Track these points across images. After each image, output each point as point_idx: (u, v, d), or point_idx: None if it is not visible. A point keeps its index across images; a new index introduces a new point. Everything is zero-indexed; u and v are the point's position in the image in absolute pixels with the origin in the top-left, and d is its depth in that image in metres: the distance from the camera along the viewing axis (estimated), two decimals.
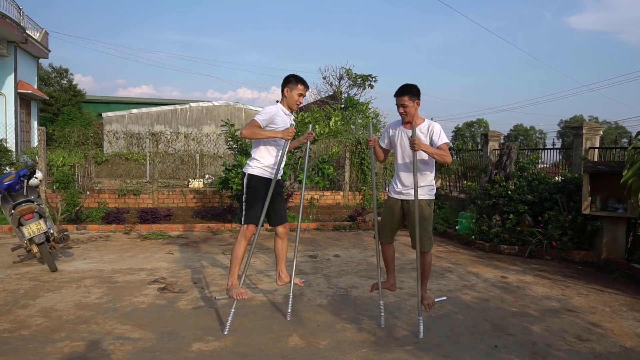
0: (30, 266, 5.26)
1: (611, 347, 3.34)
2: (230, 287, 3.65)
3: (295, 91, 3.79)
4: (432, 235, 3.72)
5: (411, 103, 3.57)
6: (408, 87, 3.59)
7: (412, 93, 3.57)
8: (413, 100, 3.57)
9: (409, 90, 3.57)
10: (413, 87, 3.60)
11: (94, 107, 25.88)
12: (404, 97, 3.55)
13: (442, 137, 3.56)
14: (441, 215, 8.69)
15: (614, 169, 5.74)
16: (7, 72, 13.79)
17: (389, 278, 3.93)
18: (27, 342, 3.20)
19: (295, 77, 3.84)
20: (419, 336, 3.38)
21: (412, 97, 3.56)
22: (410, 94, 3.56)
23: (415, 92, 3.59)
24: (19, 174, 5.23)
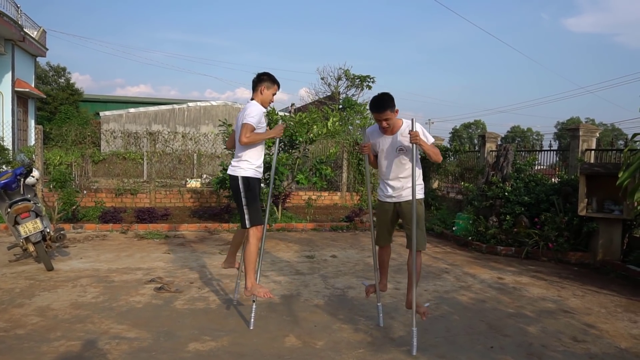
0: (26, 265, 5.24)
1: (606, 348, 3.36)
2: (251, 288, 3.63)
3: (271, 90, 3.80)
4: (425, 233, 3.74)
5: (393, 115, 3.52)
6: (385, 100, 3.50)
7: (391, 105, 3.51)
8: (393, 111, 3.52)
9: (388, 104, 3.49)
10: (390, 99, 3.52)
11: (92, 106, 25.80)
12: (386, 112, 3.47)
13: (428, 136, 3.52)
14: (438, 217, 8.71)
15: (610, 171, 5.76)
16: (5, 70, 13.75)
17: (381, 279, 3.89)
18: (22, 341, 3.19)
19: (270, 76, 3.85)
20: (412, 352, 3.14)
21: (392, 109, 3.51)
22: (390, 107, 3.49)
23: (393, 102, 3.53)
24: (16, 173, 5.22)
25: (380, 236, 3.85)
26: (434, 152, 3.53)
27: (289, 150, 8.71)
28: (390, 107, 3.49)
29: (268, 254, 6.16)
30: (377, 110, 3.50)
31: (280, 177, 8.26)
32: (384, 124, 3.51)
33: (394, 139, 3.58)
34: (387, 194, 3.70)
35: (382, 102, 3.50)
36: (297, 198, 10.76)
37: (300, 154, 9.11)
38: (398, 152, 3.55)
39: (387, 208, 3.74)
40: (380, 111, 3.49)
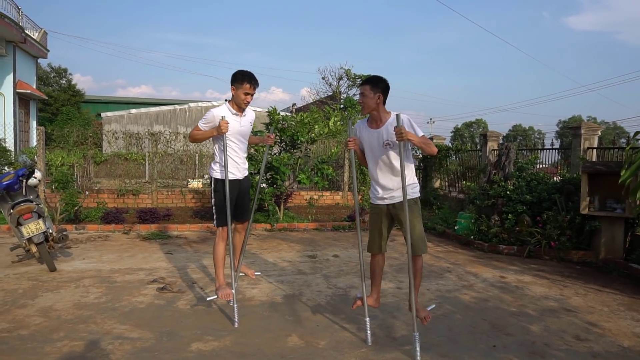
0: (29, 266, 5.26)
1: (609, 346, 3.35)
2: (217, 287, 3.82)
3: (241, 90, 3.69)
4: (425, 236, 3.42)
5: (371, 94, 3.27)
6: (372, 77, 3.37)
7: (374, 83, 3.30)
8: (374, 92, 3.28)
9: (371, 81, 3.33)
10: (377, 79, 3.34)
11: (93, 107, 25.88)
12: (365, 86, 3.30)
13: (416, 129, 3.24)
14: (440, 216, 8.70)
15: (612, 169, 5.75)
16: (6, 71, 13.78)
17: (372, 292, 3.57)
18: (26, 342, 3.20)
19: (242, 73, 3.71)
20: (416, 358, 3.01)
21: (374, 88, 3.28)
22: (371, 84, 3.30)
23: (378, 83, 3.31)
24: (18, 174, 5.23)
25: (371, 242, 3.55)
26: (426, 143, 3.23)
27: (291, 150, 8.71)
28: (371, 85, 3.28)
29: (270, 254, 6.16)
30: (361, 83, 3.42)
31: (282, 177, 8.27)
32: (360, 98, 3.35)
33: (380, 133, 3.31)
34: (377, 196, 3.44)
35: (369, 77, 3.41)
36: (299, 198, 10.76)
37: (302, 153, 9.12)
38: (385, 147, 3.27)
39: (379, 211, 3.46)
40: (361, 84, 3.39)
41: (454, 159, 11.60)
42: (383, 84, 3.32)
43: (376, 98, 3.27)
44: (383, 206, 3.43)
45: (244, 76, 3.70)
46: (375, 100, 3.27)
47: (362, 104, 3.32)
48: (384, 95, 3.31)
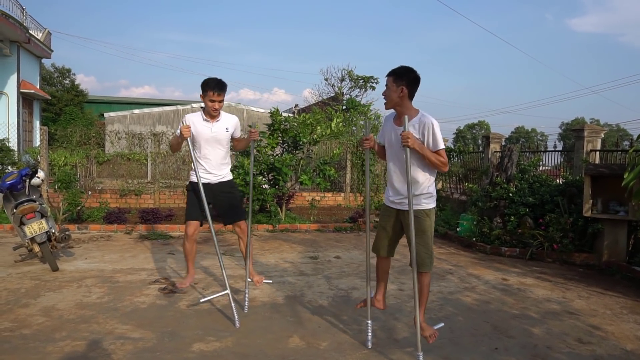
0: (31, 265, 5.27)
1: (612, 350, 3.34)
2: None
3: (207, 98, 3.75)
4: (432, 251, 3.15)
5: (394, 87, 3.00)
6: (397, 68, 3.07)
7: (398, 75, 3.02)
8: (397, 85, 2.99)
9: (394, 72, 3.04)
10: (402, 70, 3.04)
11: (96, 107, 25.93)
12: (389, 78, 3.04)
13: (437, 139, 2.95)
14: (442, 217, 8.69)
15: (615, 172, 5.73)
16: (10, 71, 13.84)
17: (377, 294, 3.45)
18: (28, 341, 3.21)
19: (207, 82, 3.77)
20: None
21: (397, 80, 3.00)
22: (395, 76, 3.02)
23: (403, 75, 3.01)
24: (21, 174, 5.25)
25: (376, 243, 3.36)
26: (435, 161, 2.94)
27: (293, 151, 8.72)
28: (394, 76, 3.02)
29: (272, 255, 6.16)
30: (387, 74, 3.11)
31: (284, 177, 8.27)
32: (383, 91, 3.10)
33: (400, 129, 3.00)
34: (390, 198, 3.24)
35: (394, 69, 3.09)
36: (300, 199, 10.76)
37: (304, 154, 9.12)
38: (404, 147, 2.91)
39: (389, 213, 3.26)
40: (387, 75, 3.10)
41: (456, 161, 11.58)
42: (409, 76, 3.01)
43: (399, 91, 3.00)
44: (393, 210, 3.23)
45: (208, 84, 3.76)
46: (397, 94, 3.00)
47: (385, 97, 3.07)
48: (409, 88, 3.00)
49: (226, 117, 3.99)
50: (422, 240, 3.08)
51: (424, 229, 3.08)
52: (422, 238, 3.09)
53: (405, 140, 2.83)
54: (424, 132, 2.98)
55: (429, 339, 3.11)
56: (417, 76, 3.04)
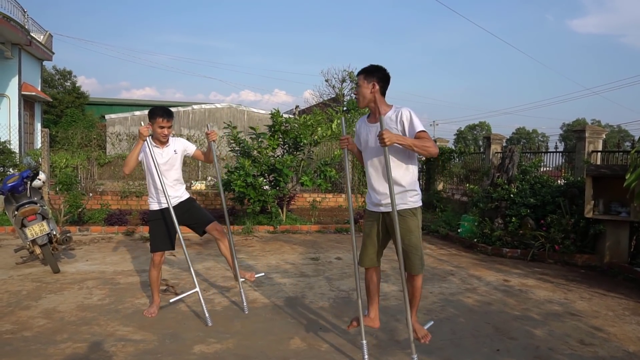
0: (32, 267, 5.27)
1: (614, 351, 3.33)
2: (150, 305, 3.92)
3: (156, 124, 3.80)
4: (422, 253, 3.00)
5: (365, 83, 2.94)
6: (367, 67, 3.01)
7: (368, 72, 2.97)
8: (369, 81, 2.94)
9: (365, 70, 2.99)
10: (371, 67, 2.99)
11: (97, 109, 25.98)
12: (360, 77, 2.99)
13: (416, 123, 2.83)
14: (443, 218, 8.69)
15: (616, 173, 5.72)
16: (12, 74, 13.86)
17: (370, 311, 3.21)
18: (29, 343, 3.21)
19: (154, 110, 3.83)
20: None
21: (368, 77, 2.95)
22: (365, 73, 2.97)
23: (373, 72, 2.96)
24: (23, 176, 5.26)
25: (363, 254, 3.16)
26: (420, 145, 2.76)
27: (294, 152, 8.72)
28: (365, 74, 2.97)
29: (273, 256, 6.16)
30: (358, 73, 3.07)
31: (285, 179, 8.27)
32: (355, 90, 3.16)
33: (377, 128, 2.85)
34: (372, 201, 3.08)
35: (364, 67, 3.04)
36: (301, 200, 10.76)
37: (305, 156, 9.12)
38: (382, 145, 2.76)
39: (374, 219, 3.09)
40: (357, 75, 3.07)
41: (457, 162, 11.58)
42: (379, 73, 2.98)
43: (371, 87, 2.94)
44: (377, 214, 3.06)
45: (156, 112, 3.81)
46: (369, 90, 2.94)
47: (357, 95, 3.03)
48: (380, 84, 2.95)
49: (175, 141, 4.06)
50: (410, 242, 2.92)
51: (411, 229, 2.93)
52: (411, 239, 2.92)
53: (382, 140, 2.67)
54: (402, 120, 2.89)
55: (421, 340, 3.05)
56: (388, 74, 3.01)
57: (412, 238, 2.93)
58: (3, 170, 9.63)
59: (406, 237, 2.91)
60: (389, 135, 2.68)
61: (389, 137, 2.67)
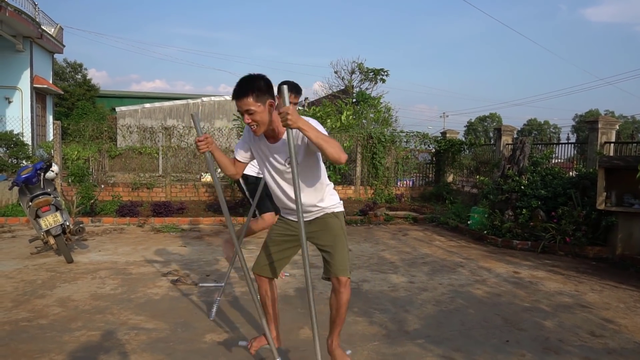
0: (47, 257, 5.37)
1: (625, 343, 3.31)
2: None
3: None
4: (349, 256, 2.61)
5: (260, 106, 2.29)
6: (250, 82, 2.31)
7: (258, 91, 2.28)
8: (263, 101, 2.30)
9: (251, 87, 2.28)
10: (257, 81, 2.31)
11: (108, 101, 26.17)
12: (247, 99, 2.27)
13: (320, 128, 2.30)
14: (453, 210, 8.66)
15: (630, 164, 5.65)
16: (23, 67, 14.00)
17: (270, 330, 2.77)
18: (45, 331, 3.28)
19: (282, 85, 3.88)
20: None
21: (261, 97, 2.29)
22: (255, 94, 2.28)
23: (262, 88, 2.30)
24: (36, 167, 5.33)
25: (260, 258, 2.74)
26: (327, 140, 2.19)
27: None
28: (256, 94, 2.28)
29: None
30: (236, 95, 2.30)
31: None
32: (246, 118, 2.31)
33: (283, 148, 2.40)
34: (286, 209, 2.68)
35: (245, 83, 2.30)
36: None
37: None
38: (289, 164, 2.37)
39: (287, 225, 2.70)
40: (239, 96, 2.29)
41: (468, 154, 11.51)
42: (269, 87, 2.35)
43: (267, 107, 2.32)
44: (293, 221, 2.66)
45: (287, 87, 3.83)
46: (267, 111, 2.32)
47: (254, 125, 2.33)
48: (274, 96, 2.38)
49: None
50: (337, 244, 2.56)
51: (336, 232, 2.59)
52: (336, 241, 2.57)
53: (285, 120, 2.10)
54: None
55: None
56: (268, 79, 2.37)
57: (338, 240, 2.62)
58: (16, 162, 9.78)
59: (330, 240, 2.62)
60: (294, 116, 2.10)
61: (294, 119, 2.10)
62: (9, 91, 13.81)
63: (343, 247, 2.59)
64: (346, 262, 2.55)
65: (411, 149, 12.08)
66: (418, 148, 12.14)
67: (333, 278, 2.55)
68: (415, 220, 8.75)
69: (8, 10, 11.15)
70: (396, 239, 7.02)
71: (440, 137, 11.94)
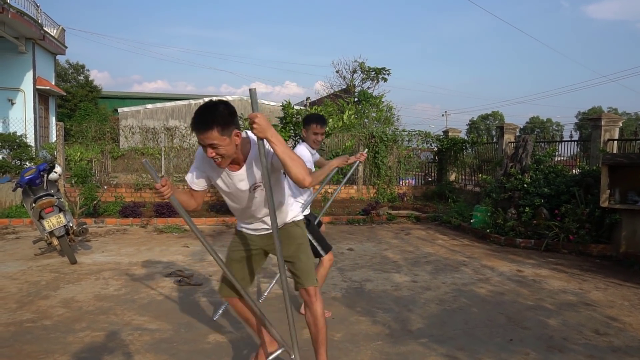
0: (50, 258, 5.38)
1: (630, 341, 3.30)
2: None
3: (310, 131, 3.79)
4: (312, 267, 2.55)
5: (225, 139, 2.07)
6: (213, 112, 2.06)
7: (223, 120, 2.05)
8: (229, 133, 2.08)
9: (215, 118, 2.04)
10: (221, 110, 2.07)
11: (110, 102, 26.24)
12: (211, 133, 2.04)
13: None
14: (456, 209, 8.64)
15: (633, 161, 5.63)
16: (26, 68, 14.04)
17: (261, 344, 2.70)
18: (49, 332, 3.29)
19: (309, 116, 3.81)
20: None
21: (226, 129, 2.06)
22: (220, 124, 2.04)
23: (226, 117, 2.07)
24: (39, 169, 5.35)
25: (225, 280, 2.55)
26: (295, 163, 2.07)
27: None
28: (221, 126, 2.05)
29: None
30: (198, 127, 2.06)
31: None
32: (210, 152, 2.09)
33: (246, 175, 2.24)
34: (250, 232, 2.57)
35: (207, 114, 2.06)
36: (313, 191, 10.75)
37: None
38: (254, 190, 2.29)
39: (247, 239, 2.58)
40: (201, 130, 2.04)
41: (470, 152, 11.49)
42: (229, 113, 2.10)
43: (233, 138, 2.12)
44: (254, 236, 2.55)
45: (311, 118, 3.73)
46: (233, 143, 2.12)
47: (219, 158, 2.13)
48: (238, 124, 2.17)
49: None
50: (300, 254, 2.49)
51: (299, 241, 2.52)
52: (299, 250, 2.50)
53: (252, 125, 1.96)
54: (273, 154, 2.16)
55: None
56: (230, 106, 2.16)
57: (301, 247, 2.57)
58: (20, 163, 9.82)
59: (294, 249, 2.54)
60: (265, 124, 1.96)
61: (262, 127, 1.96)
62: (12, 93, 13.85)
63: (307, 256, 2.53)
64: (311, 270, 2.49)
65: (413, 148, 12.07)
66: (420, 147, 12.13)
67: (301, 290, 2.50)
68: (418, 219, 8.74)
69: (10, 12, 11.18)
70: (399, 238, 7.02)
71: (442, 136, 11.93)
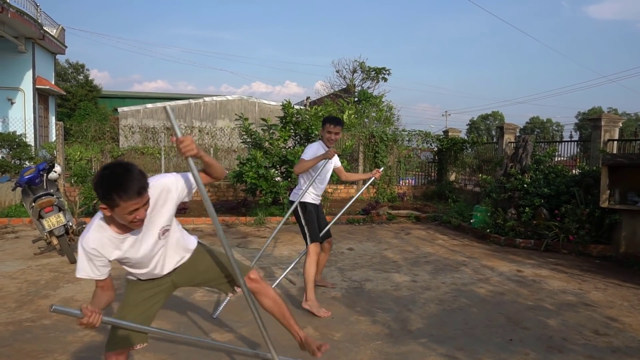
0: (50, 258, 5.38)
1: (629, 341, 3.30)
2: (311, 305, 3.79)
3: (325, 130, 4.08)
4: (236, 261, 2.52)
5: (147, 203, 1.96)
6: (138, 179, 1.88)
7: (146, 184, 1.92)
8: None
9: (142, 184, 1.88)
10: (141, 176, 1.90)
11: (110, 102, 26.23)
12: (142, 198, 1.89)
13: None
14: (456, 209, 8.65)
15: (633, 162, 5.63)
16: (26, 68, 14.03)
17: None
18: (48, 331, 3.29)
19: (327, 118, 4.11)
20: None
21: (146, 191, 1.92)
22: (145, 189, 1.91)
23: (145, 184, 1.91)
24: (39, 168, 5.35)
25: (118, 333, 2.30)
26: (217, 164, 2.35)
27: (305, 144, 8.72)
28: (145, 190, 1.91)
29: (285, 247, 6.19)
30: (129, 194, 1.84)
31: None
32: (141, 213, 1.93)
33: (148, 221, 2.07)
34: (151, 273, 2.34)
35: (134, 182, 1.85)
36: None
37: None
38: (163, 235, 2.18)
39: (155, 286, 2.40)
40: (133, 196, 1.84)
41: (470, 152, 11.49)
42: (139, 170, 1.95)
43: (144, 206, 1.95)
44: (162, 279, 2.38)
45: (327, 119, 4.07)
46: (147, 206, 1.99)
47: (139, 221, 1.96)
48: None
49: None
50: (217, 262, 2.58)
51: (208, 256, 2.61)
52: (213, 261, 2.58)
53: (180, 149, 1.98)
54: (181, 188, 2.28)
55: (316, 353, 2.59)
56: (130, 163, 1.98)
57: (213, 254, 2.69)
58: (19, 163, 9.81)
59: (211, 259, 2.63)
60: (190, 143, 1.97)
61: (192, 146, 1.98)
62: (12, 92, 13.84)
63: (222, 258, 2.56)
64: (236, 262, 2.41)
65: (413, 148, 12.07)
66: (420, 147, 12.14)
67: (245, 279, 2.44)
68: (418, 219, 8.74)
69: (10, 11, 11.17)
70: (399, 238, 7.02)
71: (442, 136, 11.93)
